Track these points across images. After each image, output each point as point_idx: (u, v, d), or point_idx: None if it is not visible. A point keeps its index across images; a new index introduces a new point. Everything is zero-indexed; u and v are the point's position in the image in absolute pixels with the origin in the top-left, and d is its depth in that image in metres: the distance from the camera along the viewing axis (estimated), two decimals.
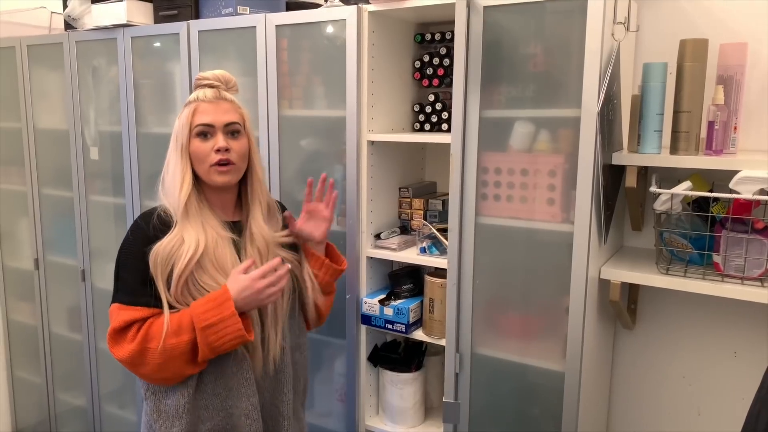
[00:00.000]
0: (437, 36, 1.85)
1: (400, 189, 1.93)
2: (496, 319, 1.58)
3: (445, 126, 1.84)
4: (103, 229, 2.41)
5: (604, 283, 1.53)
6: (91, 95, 2.31)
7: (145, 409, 1.35)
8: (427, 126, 1.88)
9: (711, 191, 1.45)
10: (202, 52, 1.98)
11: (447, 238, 1.62)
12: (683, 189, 1.40)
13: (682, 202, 1.45)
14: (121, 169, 2.26)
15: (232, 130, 1.34)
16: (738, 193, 1.32)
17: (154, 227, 1.31)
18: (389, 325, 1.77)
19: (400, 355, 1.85)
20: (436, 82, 1.85)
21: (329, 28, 1.75)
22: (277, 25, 1.81)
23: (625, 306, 1.71)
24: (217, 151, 1.31)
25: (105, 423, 2.59)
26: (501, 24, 1.46)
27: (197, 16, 2.04)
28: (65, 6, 2.31)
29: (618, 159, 1.49)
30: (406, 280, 1.83)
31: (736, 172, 1.32)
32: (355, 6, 1.68)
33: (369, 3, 1.69)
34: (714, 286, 1.40)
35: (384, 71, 1.79)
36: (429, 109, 1.86)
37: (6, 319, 2.87)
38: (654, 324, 1.76)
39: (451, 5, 1.50)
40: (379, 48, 1.75)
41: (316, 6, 1.94)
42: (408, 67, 1.91)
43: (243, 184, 1.42)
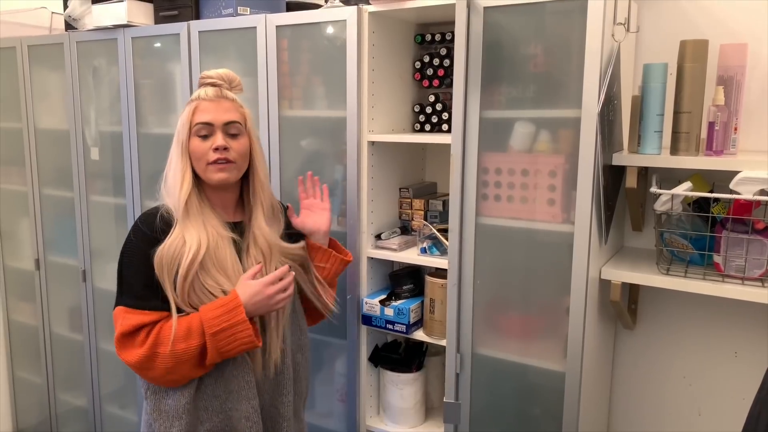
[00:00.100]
0: (437, 36, 1.85)
1: (400, 189, 1.93)
2: (496, 319, 1.58)
3: (445, 126, 1.84)
4: (103, 230, 2.41)
5: (605, 284, 1.54)
6: (91, 95, 2.31)
7: (146, 408, 1.35)
8: (427, 126, 1.88)
9: (711, 192, 1.45)
10: (202, 52, 1.98)
11: (447, 239, 1.62)
12: (684, 189, 1.40)
13: (683, 202, 1.45)
14: (121, 170, 2.26)
15: (232, 129, 1.33)
16: (738, 193, 1.32)
17: (156, 228, 1.30)
18: (390, 326, 1.77)
19: (401, 355, 1.86)
20: (436, 82, 1.85)
21: (329, 29, 1.75)
22: (277, 26, 1.81)
23: (625, 306, 1.71)
24: (216, 149, 1.30)
25: (106, 423, 2.59)
26: (501, 24, 1.46)
27: (197, 17, 2.04)
28: (66, 6, 2.31)
29: (618, 159, 1.49)
30: (406, 281, 1.83)
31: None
32: (355, 6, 1.68)
33: (369, 3, 1.69)
34: (714, 287, 1.40)
35: (384, 72, 1.79)
36: (429, 109, 1.86)
37: (7, 319, 2.87)
38: (654, 324, 1.76)
39: (452, 6, 1.50)
40: (379, 48, 1.75)
41: (317, 6, 1.94)
42: (408, 67, 1.91)
43: (245, 184, 1.41)
